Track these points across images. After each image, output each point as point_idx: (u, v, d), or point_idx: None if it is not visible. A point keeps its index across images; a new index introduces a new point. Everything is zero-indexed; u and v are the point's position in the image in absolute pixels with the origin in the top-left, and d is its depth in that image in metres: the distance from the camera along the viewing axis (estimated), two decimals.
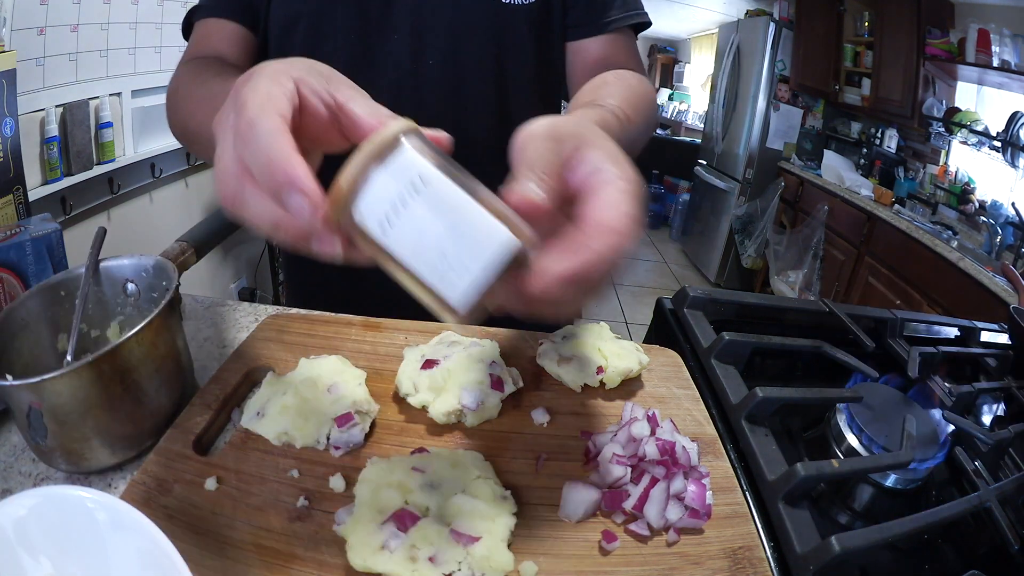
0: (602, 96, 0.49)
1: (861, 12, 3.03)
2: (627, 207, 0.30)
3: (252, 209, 0.29)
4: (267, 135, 0.27)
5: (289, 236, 0.29)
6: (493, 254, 0.28)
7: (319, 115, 0.31)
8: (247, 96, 0.29)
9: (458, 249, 0.28)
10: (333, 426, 0.43)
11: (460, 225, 0.28)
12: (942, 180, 2.63)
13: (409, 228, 0.28)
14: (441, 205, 0.28)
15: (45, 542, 0.30)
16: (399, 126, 0.29)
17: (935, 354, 0.67)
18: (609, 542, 0.39)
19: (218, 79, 0.53)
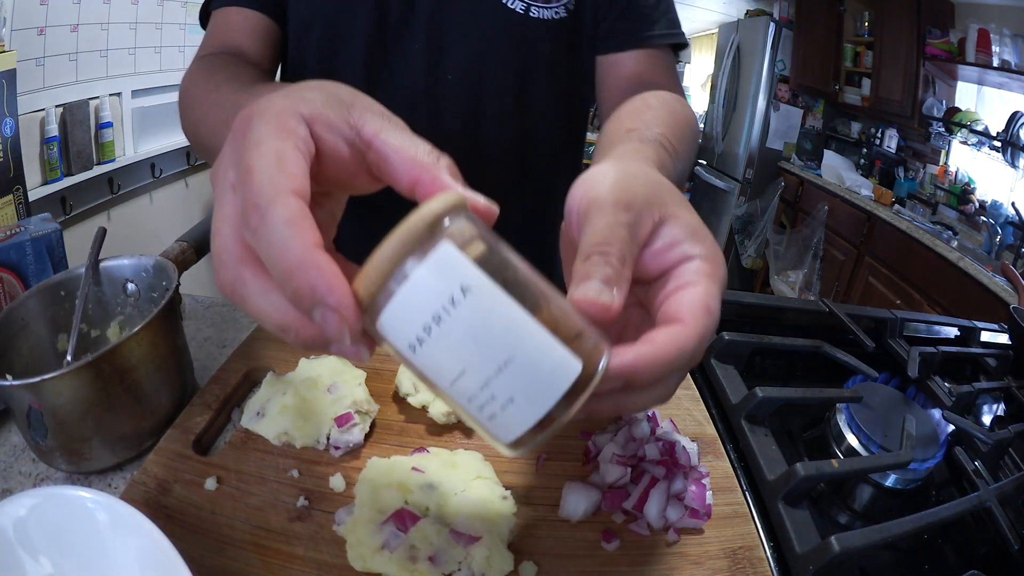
0: (647, 123, 0.45)
1: (861, 12, 3.03)
2: (711, 301, 0.26)
3: (255, 304, 0.24)
4: (283, 228, 0.21)
5: (301, 340, 0.23)
6: (555, 388, 0.22)
7: (341, 156, 0.26)
8: (251, 159, 0.23)
9: (509, 382, 0.22)
10: (333, 426, 0.43)
11: (512, 351, 0.21)
12: (942, 180, 2.63)
13: (446, 352, 0.22)
14: (488, 324, 0.21)
15: (45, 542, 0.30)
16: (439, 206, 0.22)
17: (935, 354, 0.67)
18: (609, 542, 0.39)
19: (230, 85, 0.50)
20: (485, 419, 0.22)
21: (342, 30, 0.62)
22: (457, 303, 0.21)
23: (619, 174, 0.29)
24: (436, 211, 0.22)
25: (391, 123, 0.26)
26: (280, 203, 0.22)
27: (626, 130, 0.45)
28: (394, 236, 0.22)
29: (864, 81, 3.07)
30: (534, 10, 0.61)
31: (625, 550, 0.39)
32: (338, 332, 0.22)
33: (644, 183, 0.29)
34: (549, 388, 0.22)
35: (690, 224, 0.28)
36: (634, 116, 0.49)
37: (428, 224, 0.22)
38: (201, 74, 0.55)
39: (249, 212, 0.22)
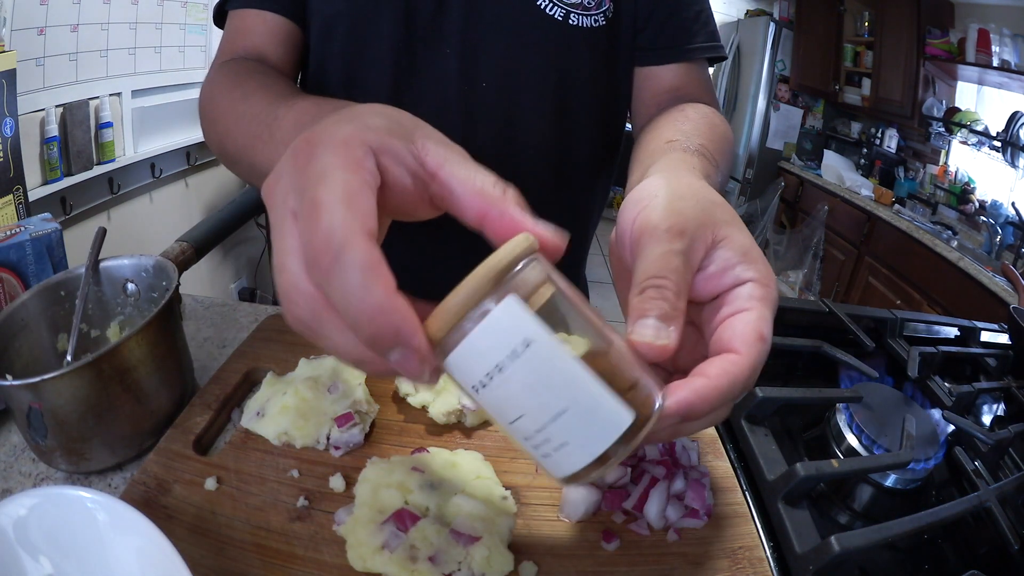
0: (686, 133, 0.45)
1: (861, 12, 3.04)
2: (764, 327, 0.26)
3: (334, 341, 0.24)
4: (360, 274, 0.21)
5: (377, 372, 0.24)
6: (607, 435, 0.24)
7: (405, 188, 0.26)
8: (319, 193, 0.22)
9: (563, 428, 0.23)
10: (333, 426, 0.43)
11: (568, 402, 0.23)
12: (942, 180, 2.63)
13: (506, 397, 0.23)
14: (547, 377, 0.23)
15: (45, 542, 0.30)
16: (507, 257, 0.23)
17: (935, 354, 0.67)
18: (609, 542, 0.39)
19: (260, 94, 0.47)
20: (540, 457, 0.25)
21: (367, 31, 0.59)
22: (518, 355, 0.22)
23: (670, 195, 0.29)
24: (504, 262, 0.23)
25: (454, 153, 0.26)
26: (355, 247, 0.21)
27: (666, 141, 0.45)
28: (466, 284, 0.23)
29: (864, 81, 3.07)
30: (573, 17, 0.59)
31: (625, 550, 0.39)
32: (417, 372, 0.23)
33: (695, 204, 0.29)
34: (602, 435, 0.24)
35: (743, 245, 0.28)
36: (672, 127, 0.49)
37: (496, 275, 0.23)
38: (227, 82, 0.53)
39: (320, 254, 0.22)
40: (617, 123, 0.71)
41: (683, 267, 0.26)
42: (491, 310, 0.22)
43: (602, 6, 0.60)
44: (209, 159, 2.02)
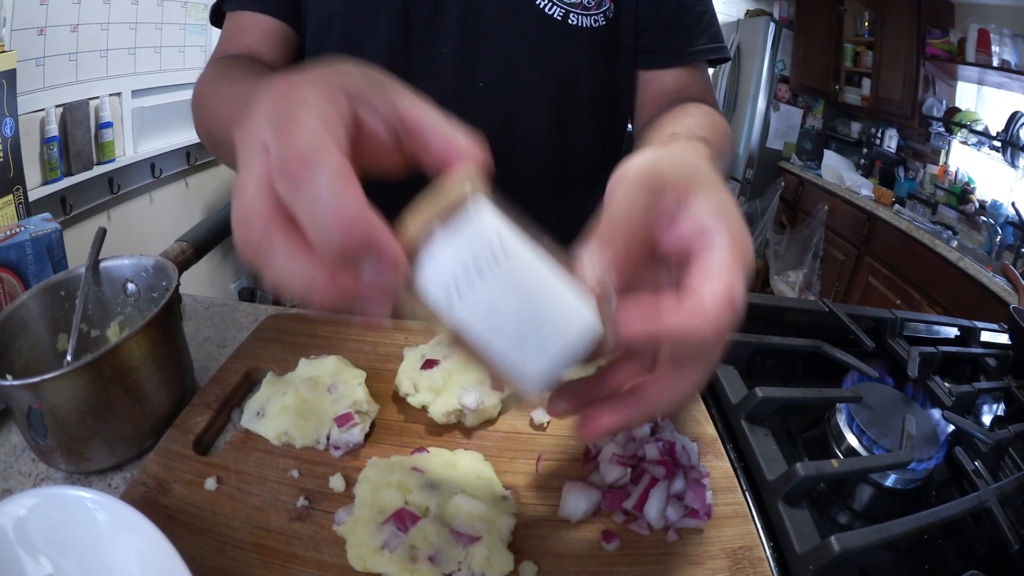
0: (688, 127, 0.45)
1: (861, 12, 3.04)
2: (734, 292, 0.25)
3: (281, 264, 0.22)
4: (332, 182, 0.21)
5: (326, 300, 0.23)
6: (575, 338, 0.24)
7: (378, 136, 0.25)
8: (298, 113, 0.22)
9: (536, 331, 0.24)
10: (333, 426, 0.43)
11: (539, 303, 0.24)
12: (942, 180, 2.63)
13: (481, 304, 0.24)
14: (520, 279, 0.24)
15: (45, 542, 0.30)
16: (472, 170, 0.25)
17: (935, 354, 0.67)
18: (609, 542, 0.39)
19: (249, 79, 0.48)
20: (509, 362, 0.25)
21: (363, 30, 0.59)
22: (497, 260, 0.23)
23: (655, 155, 0.28)
24: (470, 173, 0.25)
25: (424, 104, 0.26)
26: (329, 155, 0.21)
27: (669, 134, 0.45)
28: (428, 204, 0.24)
29: (864, 81, 3.07)
30: (572, 17, 0.58)
31: (625, 550, 0.39)
32: (390, 285, 0.22)
33: (674, 162, 0.29)
34: (568, 334, 0.24)
35: (720, 203, 0.28)
36: (675, 122, 0.49)
37: (464, 190, 0.24)
38: (216, 73, 0.54)
39: (290, 162, 0.21)
40: (618, 124, 0.70)
41: (645, 217, 0.26)
42: (464, 216, 0.23)
43: (602, 6, 0.60)
44: (209, 159, 2.02)
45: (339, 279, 0.22)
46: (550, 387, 0.26)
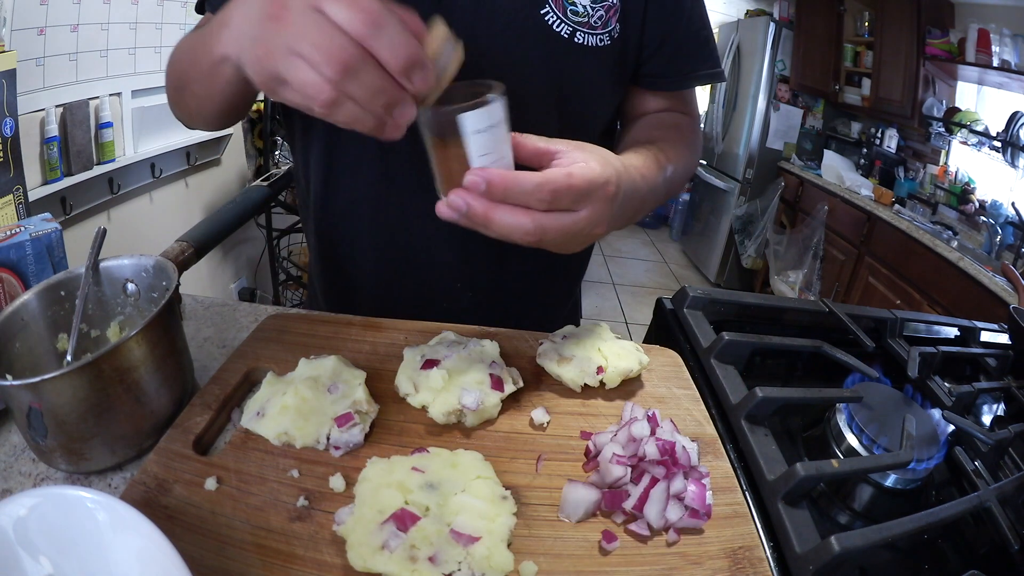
0: (652, 138, 0.57)
1: (861, 12, 3.03)
2: (577, 172, 0.42)
3: (366, 74, 0.35)
4: (403, 30, 0.35)
5: (362, 91, 0.35)
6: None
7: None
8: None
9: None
10: (333, 426, 0.43)
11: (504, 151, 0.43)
12: (942, 180, 2.63)
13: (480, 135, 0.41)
14: (501, 136, 0.43)
15: (45, 542, 0.30)
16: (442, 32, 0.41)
17: (935, 354, 0.67)
18: (609, 542, 0.39)
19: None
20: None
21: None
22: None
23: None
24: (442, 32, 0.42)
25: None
26: (393, 15, 0.35)
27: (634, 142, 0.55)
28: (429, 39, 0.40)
29: (864, 81, 3.07)
30: (579, 35, 0.59)
31: (625, 550, 0.39)
32: (429, 82, 0.38)
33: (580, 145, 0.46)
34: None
35: (598, 155, 0.46)
36: (646, 133, 0.59)
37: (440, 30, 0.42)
38: (184, 38, 0.56)
39: (370, 22, 0.34)
40: (616, 138, 0.72)
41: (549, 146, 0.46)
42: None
43: (608, 26, 0.61)
44: (209, 159, 2.02)
45: (399, 87, 0.37)
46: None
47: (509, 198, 0.41)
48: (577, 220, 0.43)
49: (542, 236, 0.42)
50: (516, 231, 0.41)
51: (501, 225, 0.41)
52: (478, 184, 0.40)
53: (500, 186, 0.40)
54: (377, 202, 0.65)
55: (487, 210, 0.41)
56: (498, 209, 0.41)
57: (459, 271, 0.68)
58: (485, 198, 0.41)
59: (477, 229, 0.42)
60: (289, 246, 2.31)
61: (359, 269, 0.70)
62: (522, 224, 0.41)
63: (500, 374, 0.49)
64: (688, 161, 0.63)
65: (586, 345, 0.54)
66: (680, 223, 4.43)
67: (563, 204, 0.42)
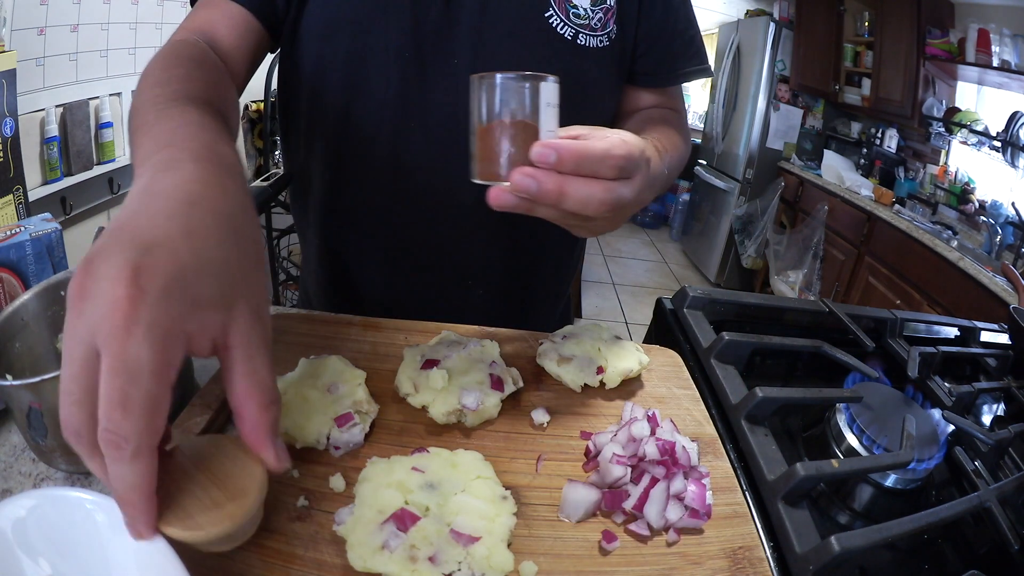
0: (647, 132, 0.55)
1: (861, 12, 3.03)
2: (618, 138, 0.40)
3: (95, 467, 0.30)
4: (136, 454, 0.28)
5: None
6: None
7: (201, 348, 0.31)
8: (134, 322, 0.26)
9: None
10: (333, 426, 0.43)
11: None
12: (942, 180, 2.63)
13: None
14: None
15: (44, 544, 0.30)
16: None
17: (935, 354, 0.67)
18: (609, 542, 0.39)
19: (175, 108, 0.42)
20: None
21: (372, 37, 0.59)
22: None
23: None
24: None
25: (259, 349, 0.32)
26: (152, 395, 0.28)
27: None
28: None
29: (864, 81, 3.07)
30: (582, 37, 0.61)
31: (625, 550, 0.39)
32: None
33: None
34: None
35: (616, 131, 0.43)
36: (638, 127, 0.58)
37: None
38: (162, 66, 0.49)
39: (119, 388, 0.26)
40: None
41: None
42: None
43: (607, 28, 0.62)
44: None
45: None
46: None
47: (581, 168, 0.39)
48: (633, 187, 0.42)
49: (616, 205, 0.40)
50: (592, 201, 0.39)
51: (577, 197, 0.39)
52: (548, 155, 0.38)
53: (572, 156, 0.38)
54: (385, 204, 0.65)
55: (561, 184, 0.38)
56: (572, 181, 0.39)
57: (466, 270, 0.68)
58: (555, 171, 0.38)
59: (544, 205, 0.40)
60: (289, 246, 2.30)
61: (364, 269, 0.70)
62: (596, 194, 0.39)
63: (500, 374, 0.49)
64: (683, 151, 0.64)
65: (586, 345, 0.54)
66: (680, 223, 4.43)
67: (627, 171, 0.41)
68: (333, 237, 0.70)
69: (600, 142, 0.39)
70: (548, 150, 0.38)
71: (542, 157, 0.38)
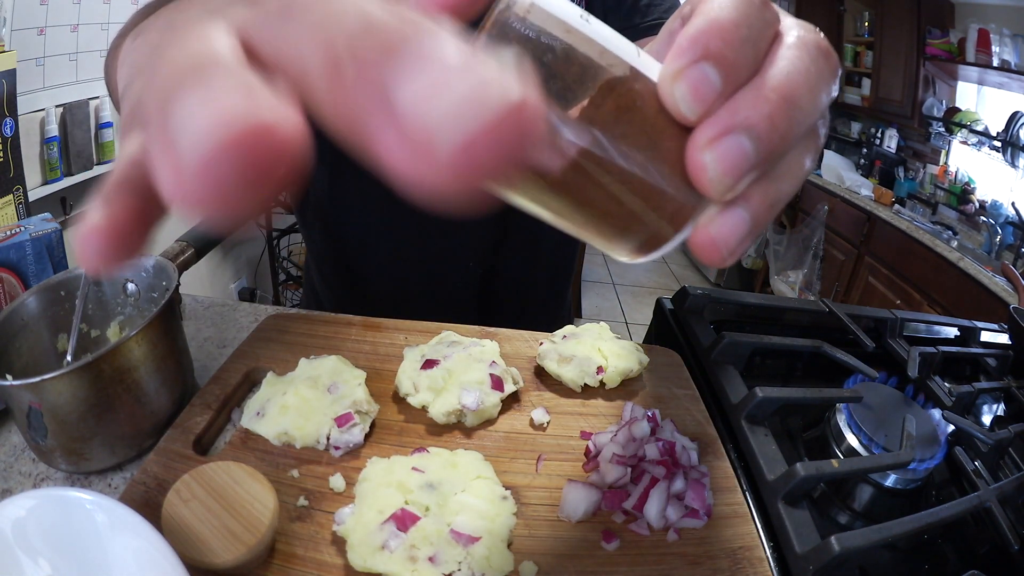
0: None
1: (861, 12, 3.03)
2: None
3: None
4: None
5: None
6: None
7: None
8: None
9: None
10: (333, 426, 0.43)
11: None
12: (942, 180, 2.63)
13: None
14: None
15: (44, 544, 0.30)
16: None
17: (935, 354, 0.67)
18: (609, 542, 0.39)
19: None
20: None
21: None
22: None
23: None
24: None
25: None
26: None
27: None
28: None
29: (864, 81, 3.07)
30: None
31: (625, 550, 0.39)
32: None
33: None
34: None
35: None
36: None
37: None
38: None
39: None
40: None
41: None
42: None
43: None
44: None
45: None
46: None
47: (743, 56, 0.20)
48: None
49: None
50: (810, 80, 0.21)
51: (794, 98, 0.20)
52: (704, 80, 0.19)
53: (724, 48, 0.20)
54: (384, 200, 0.65)
55: (762, 105, 0.19)
56: (763, 87, 0.20)
57: (469, 267, 0.69)
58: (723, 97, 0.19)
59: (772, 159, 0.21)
60: (289, 246, 2.31)
61: (366, 264, 0.70)
62: (803, 63, 0.21)
63: (500, 374, 0.49)
64: None
65: (586, 345, 0.54)
66: None
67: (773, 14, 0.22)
68: (334, 227, 0.70)
69: (708, 5, 0.20)
70: (695, 76, 0.19)
71: (697, 86, 0.19)
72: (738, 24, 0.19)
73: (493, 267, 0.70)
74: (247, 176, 0.12)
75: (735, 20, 0.19)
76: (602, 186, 0.20)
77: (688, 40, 0.19)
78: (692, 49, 0.19)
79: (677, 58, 0.19)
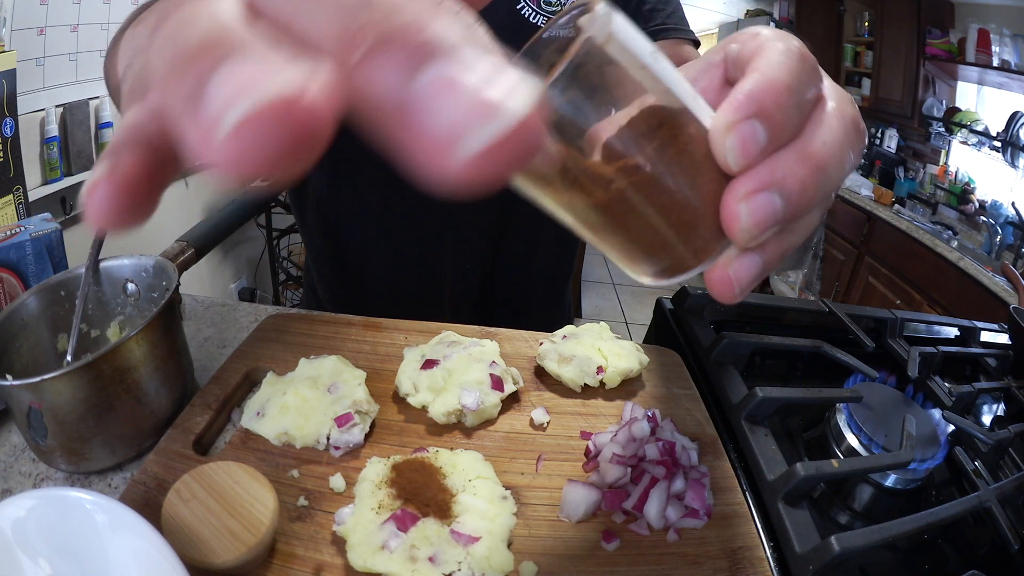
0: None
1: (861, 12, 3.03)
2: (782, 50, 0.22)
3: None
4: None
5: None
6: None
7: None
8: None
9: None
10: (333, 426, 0.43)
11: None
12: (942, 180, 2.63)
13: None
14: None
15: (44, 544, 0.30)
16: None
17: (935, 354, 0.67)
18: (609, 542, 0.39)
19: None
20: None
21: None
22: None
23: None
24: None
25: None
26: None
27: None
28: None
29: (864, 81, 3.07)
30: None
31: (625, 550, 0.39)
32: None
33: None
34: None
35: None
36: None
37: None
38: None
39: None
40: None
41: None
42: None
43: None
44: None
45: None
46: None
47: (785, 113, 0.22)
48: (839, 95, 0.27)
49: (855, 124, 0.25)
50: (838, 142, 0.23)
51: (826, 156, 0.22)
52: (751, 133, 0.21)
53: (773, 104, 0.21)
54: (383, 203, 0.65)
55: (798, 168, 0.21)
56: (807, 146, 0.22)
57: (468, 268, 0.69)
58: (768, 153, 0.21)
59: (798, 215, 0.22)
60: (289, 246, 2.31)
61: (366, 266, 0.70)
62: (835, 130, 0.23)
63: (500, 374, 0.49)
64: None
65: (586, 345, 0.54)
66: None
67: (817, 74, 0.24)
68: (334, 229, 0.70)
69: (765, 63, 0.22)
70: (744, 127, 0.20)
71: (745, 141, 0.20)
72: (791, 89, 0.21)
73: (492, 268, 0.70)
74: (280, 144, 0.12)
75: (788, 84, 0.21)
76: (644, 213, 0.21)
77: (745, 96, 0.21)
78: (748, 106, 0.20)
79: (733, 111, 0.21)
